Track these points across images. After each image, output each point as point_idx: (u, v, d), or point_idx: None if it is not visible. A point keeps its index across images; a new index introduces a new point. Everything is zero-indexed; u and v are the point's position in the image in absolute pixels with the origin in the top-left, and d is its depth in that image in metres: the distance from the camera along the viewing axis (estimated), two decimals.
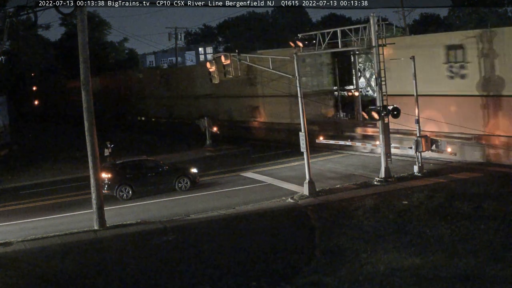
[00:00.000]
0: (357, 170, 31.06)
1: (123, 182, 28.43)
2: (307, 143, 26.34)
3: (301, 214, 23.48)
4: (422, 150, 28.00)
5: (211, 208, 25.40)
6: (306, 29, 67.65)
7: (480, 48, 28.98)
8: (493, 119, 29.17)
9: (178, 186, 29.23)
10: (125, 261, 19.37)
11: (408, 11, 61.10)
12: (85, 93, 23.33)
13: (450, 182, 26.13)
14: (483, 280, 15.10)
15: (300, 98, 26.36)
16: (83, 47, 23.20)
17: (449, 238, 18.56)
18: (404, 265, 16.58)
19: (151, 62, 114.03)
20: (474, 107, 29.67)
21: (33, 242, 21.93)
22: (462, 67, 29.87)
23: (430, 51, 31.05)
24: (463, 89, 30.10)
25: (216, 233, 21.72)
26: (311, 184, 26.22)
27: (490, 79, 29.02)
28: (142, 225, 23.37)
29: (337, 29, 27.89)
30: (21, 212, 27.74)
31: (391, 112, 26.93)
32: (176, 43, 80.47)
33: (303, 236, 20.80)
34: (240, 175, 32.54)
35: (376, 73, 27.09)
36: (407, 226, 20.20)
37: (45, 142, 56.79)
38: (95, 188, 23.52)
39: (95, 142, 23.47)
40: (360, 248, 18.31)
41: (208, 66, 29.61)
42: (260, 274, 17.06)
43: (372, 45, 27.11)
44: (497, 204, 21.70)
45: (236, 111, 48.04)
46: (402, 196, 24.22)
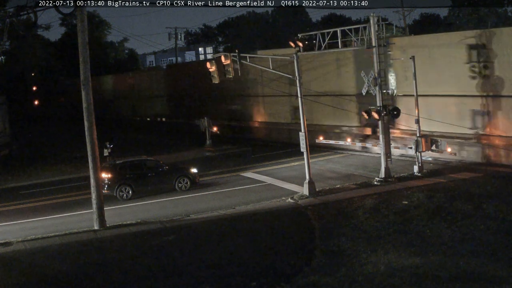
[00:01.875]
0: (357, 170, 31.08)
1: (123, 182, 28.45)
2: (307, 143, 26.36)
3: (301, 214, 23.48)
4: (422, 150, 28.02)
5: (211, 208, 25.40)
6: (306, 29, 67.70)
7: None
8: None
9: (178, 186, 29.23)
10: (125, 261, 19.37)
11: (408, 11, 61.11)
12: (85, 93, 23.34)
13: (450, 182, 26.13)
14: (483, 280, 15.09)
15: (300, 98, 26.38)
16: (83, 47, 23.21)
17: (449, 238, 18.56)
18: (404, 265, 16.57)
19: (151, 62, 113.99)
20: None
21: (33, 242, 21.94)
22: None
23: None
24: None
25: (216, 233, 21.72)
26: (311, 184, 26.23)
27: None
28: (142, 225, 23.38)
29: (337, 29, 27.88)
30: (21, 212, 27.76)
31: (391, 112, 26.97)
32: (176, 43, 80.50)
33: (303, 236, 20.79)
34: (240, 175, 32.55)
35: (376, 73, 27.09)
36: (407, 226, 20.20)
37: (45, 142, 56.80)
38: (95, 188, 23.53)
39: (95, 142, 23.49)
40: (360, 248, 18.31)
41: (208, 66, 29.62)
42: (260, 274, 17.06)
43: (372, 45, 27.12)
44: (497, 204, 21.70)
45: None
46: (402, 196, 24.23)
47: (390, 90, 31.96)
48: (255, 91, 45.45)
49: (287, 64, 29.95)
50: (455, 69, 30.27)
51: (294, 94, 29.14)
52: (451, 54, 30.33)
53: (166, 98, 60.66)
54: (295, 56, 26.48)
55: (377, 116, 26.79)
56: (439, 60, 31.05)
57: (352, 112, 36.05)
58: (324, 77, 38.22)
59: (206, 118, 43.60)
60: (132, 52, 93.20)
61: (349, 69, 36.73)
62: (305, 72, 33.97)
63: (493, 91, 28.95)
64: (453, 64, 30.29)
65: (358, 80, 32.94)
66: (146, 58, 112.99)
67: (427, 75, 30.60)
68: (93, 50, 41.99)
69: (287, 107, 41.64)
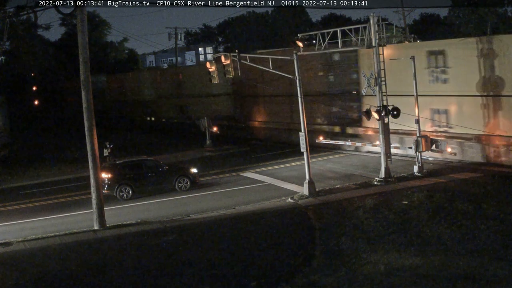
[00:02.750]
0: (357, 170, 31.08)
1: (123, 182, 28.44)
2: (307, 143, 26.35)
3: (301, 214, 23.47)
4: (422, 150, 28.01)
5: (211, 208, 25.40)
6: (306, 29, 67.68)
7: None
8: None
9: (178, 186, 29.23)
10: (125, 261, 19.37)
11: (408, 11, 61.09)
12: (85, 93, 23.34)
13: (450, 182, 26.13)
14: (483, 280, 15.09)
15: (300, 98, 26.37)
16: (83, 47, 23.20)
17: (449, 238, 18.56)
18: (404, 265, 16.57)
19: (151, 62, 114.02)
20: None
21: (33, 242, 21.94)
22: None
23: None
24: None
25: (215, 233, 21.71)
26: (311, 184, 26.22)
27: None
28: (142, 225, 23.37)
29: (337, 29, 27.89)
30: (21, 212, 27.74)
31: (391, 112, 26.94)
32: (176, 43, 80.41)
33: (303, 236, 20.79)
34: (240, 175, 32.55)
35: (376, 73, 27.07)
36: (407, 226, 20.19)
37: (45, 142, 56.77)
38: (95, 188, 23.53)
39: (95, 142, 23.48)
40: (360, 248, 18.30)
41: (208, 66, 29.63)
42: (260, 274, 17.06)
43: (372, 45, 27.11)
44: (497, 204, 21.71)
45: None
46: (402, 196, 24.22)
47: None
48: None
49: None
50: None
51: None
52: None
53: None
54: (295, 56, 26.47)
55: (377, 116, 26.79)
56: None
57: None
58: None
59: (206, 118, 43.64)
60: (132, 52, 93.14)
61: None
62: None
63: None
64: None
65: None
66: (146, 58, 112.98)
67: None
68: (93, 50, 42.06)
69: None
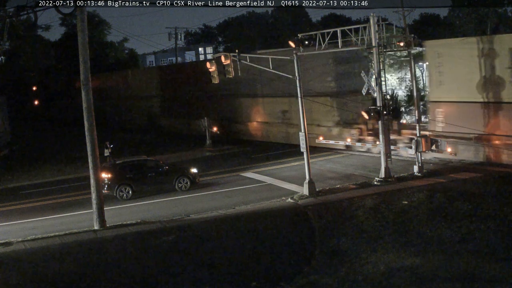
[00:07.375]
0: (357, 170, 31.07)
1: (123, 182, 28.44)
2: (307, 143, 26.34)
3: (301, 214, 23.47)
4: (422, 150, 28.01)
5: (211, 208, 25.40)
6: (306, 29, 67.62)
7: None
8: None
9: (178, 186, 29.23)
10: (125, 261, 19.38)
11: (408, 11, 60.82)
12: (85, 93, 23.34)
13: (450, 182, 26.13)
14: (483, 280, 15.09)
15: (300, 98, 26.36)
16: (83, 47, 23.20)
17: (449, 238, 18.56)
18: (404, 265, 16.57)
19: (151, 62, 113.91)
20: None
21: (33, 242, 21.93)
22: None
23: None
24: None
25: (216, 233, 21.71)
26: (311, 184, 26.21)
27: None
28: (142, 225, 23.37)
29: (337, 29, 27.87)
30: (21, 212, 27.75)
31: (391, 112, 26.96)
32: (176, 43, 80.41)
33: (303, 236, 20.79)
34: (240, 175, 32.55)
35: (376, 73, 27.07)
36: (407, 226, 20.20)
37: (45, 142, 56.79)
38: (95, 188, 23.53)
39: (95, 142, 23.49)
40: (360, 248, 18.31)
41: (208, 66, 29.61)
42: (260, 274, 17.06)
43: (372, 45, 27.11)
44: (497, 204, 21.70)
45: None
46: (402, 196, 24.22)
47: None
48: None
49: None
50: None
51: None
52: None
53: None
54: (295, 56, 26.46)
55: (378, 116, 26.78)
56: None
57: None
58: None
59: (206, 118, 43.63)
60: (132, 52, 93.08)
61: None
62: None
63: None
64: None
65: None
66: (146, 58, 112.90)
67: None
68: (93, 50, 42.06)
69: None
